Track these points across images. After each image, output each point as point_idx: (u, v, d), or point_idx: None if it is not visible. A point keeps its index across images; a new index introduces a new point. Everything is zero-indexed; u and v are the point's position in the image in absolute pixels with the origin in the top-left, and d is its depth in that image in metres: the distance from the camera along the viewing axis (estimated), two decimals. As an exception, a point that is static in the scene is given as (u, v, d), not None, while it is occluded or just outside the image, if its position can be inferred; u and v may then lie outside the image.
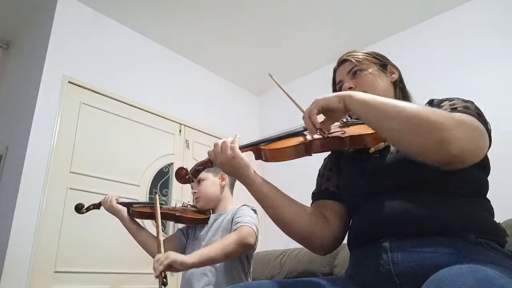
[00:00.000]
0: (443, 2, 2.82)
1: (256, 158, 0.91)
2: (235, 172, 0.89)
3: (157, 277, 1.15)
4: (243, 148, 0.89)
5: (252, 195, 0.89)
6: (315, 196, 1.00)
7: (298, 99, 0.92)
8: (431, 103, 0.89)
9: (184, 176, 0.96)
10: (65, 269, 2.18)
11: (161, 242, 1.29)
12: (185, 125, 3.16)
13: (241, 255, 1.40)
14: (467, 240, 0.71)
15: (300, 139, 0.88)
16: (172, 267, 1.15)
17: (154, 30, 3.03)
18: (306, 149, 0.86)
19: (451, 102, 0.82)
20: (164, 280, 1.14)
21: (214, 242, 1.31)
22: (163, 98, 3.06)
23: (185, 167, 0.97)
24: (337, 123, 0.91)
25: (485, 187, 0.82)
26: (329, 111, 0.79)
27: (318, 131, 0.79)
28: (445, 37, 2.84)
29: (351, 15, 2.91)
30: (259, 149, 0.89)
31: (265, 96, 3.99)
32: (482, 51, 2.62)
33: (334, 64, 1.06)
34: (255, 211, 1.46)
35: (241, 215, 1.40)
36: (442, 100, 0.86)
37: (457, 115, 0.72)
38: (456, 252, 0.68)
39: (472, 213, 0.75)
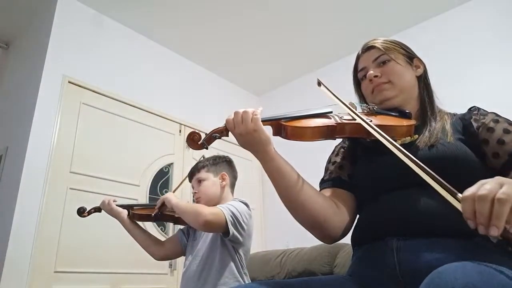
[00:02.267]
0: (442, 3, 2.82)
1: (274, 134, 0.85)
2: (253, 146, 0.81)
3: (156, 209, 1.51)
4: (263, 121, 0.82)
5: (268, 173, 0.82)
6: (326, 183, 0.96)
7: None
8: (475, 110, 0.88)
9: (197, 141, 0.86)
10: (65, 269, 2.18)
11: (176, 189, 1.65)
12: (185, 125, 3.16)
13: (199, 229, 1.43)
14: (475, 242, 0.70)
15: (326, 121, 0.84)
16: (164, 203, 1.45)
17: (154, 30, 3.03)
18: (332, 132, 0.83)
19: None
20: (158, 213, 1.50)
21: (193, 204, 1.49)
22: (163, 98, 3.06)
23: (197, 131, 0.88)
24: (361, 110, 0.88)
25: None
26: None
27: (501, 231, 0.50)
28: (444, 38, 2.84)
29: (350, 16, 2.91)
30: (280, 124, 0.83)
31: (265, 96, 3.99)
32: (482, 52, 2.62)
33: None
34: (246, 204, 1.46)
35: (225, 204, 1.41)
36: (488, 113, 0.84)
37: None
38: (461, 254, 0.67)
39: None
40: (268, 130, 0.83)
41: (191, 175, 1.60)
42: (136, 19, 2.92)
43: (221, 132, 0.85)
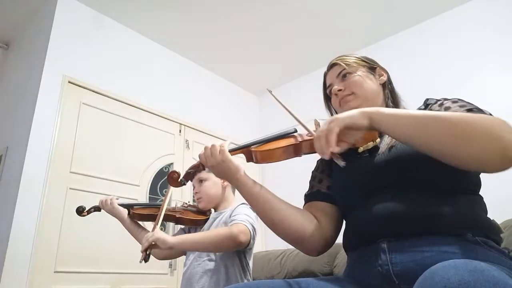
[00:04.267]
0: (443, 2, 2.82)
1: (248, 161, 0.93)
2: (225, 175, 0.90)
3: (141, 252, 1.27)
4: (234, 151, 0.91)
5: (244, 197, 0.90)
6: (307, 198, 1.00)
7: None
8: (427, 103, 0.89)
9: (176, 179, 0.97)
10: (65, 269, 2.18)
11: (158, 223, 1.38)
12: (185, 125, 3.16)
13: (229, 251, 1.37)
14: (465, 239, 0.71)
15: (290, 140, 0.90)
16: (155, 244, 1.25)
17: (154, 30, 3.03)
18: (296, 150, 0.88)
19: (459, 104, 0.80)
20: (146, 256, 1.26)
21: (210, 232, 1.35)
22: (163, 98, 3.06)
23: (177, 170, 0.99)
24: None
25: (477, 184, 0.82)
26: (350, 130, 0.73)
27: (330, 154, 0.71)
28: (445, 38, 2.84)
29: (351, 15, 2.91)
30: (250, 151, 0.91)
31: (265, 96, 3.99)
32: (482, 52, 2.62)
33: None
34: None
35: (238, 213, 1.39)
36: (438, 100, 0.86)
37: (494, 117, 0.68)
38: (454, 251, 0.68)
39: (466, 210, 0.75)
40: (242, 158, 0.91)
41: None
42: (136, 19, 2.92)
43: (197, 167, 0.94)
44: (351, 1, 2.77)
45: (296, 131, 0.93)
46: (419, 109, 0.90)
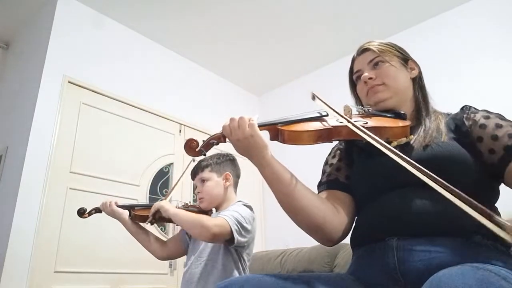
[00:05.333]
0: (444, 2, 2.82)
1: (271, 139, 0.86)
2: (250, 151, 0.82)
3: (148, 215, 1.46)
4: (259, 126, 0.83)
5: (265, 178, 0.83)
6: (325, 185, 0.96)
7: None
8: (466, 109, 0.87)
9: (194, 148, 0.89)
10: (65, 269, 2.18)
11: (169, 196, 1.56)
12: (185, 125, 3.16)
13: (207, 241, 1.38)
14: (473, 241, 0.70)
15: (321, 124, 0.85)
16: (159, 211, 1.42)
17: (154, 30, 3.03)
18: (328, 135, 0.83)
19: (510, 123, 0.79)
20: (152, 220, 1.46)
21: (195, 215, 1.40)
22: (163, 98, 3.06)
23: (195, 139, 0.90)
24: (356, 113, 0.89)
25: (496, 195, 0.81)
26: None
27: None
28: (446, 37, 2.84)
29: (351, 15, 2.91)
30: (276, 129, 0.84)
31: (265, 96, 3.99)
32: (483, 51, 2.62)
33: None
34: (250, 208, 1.45)
35: (229, 209, 1.39)
36: (479, 110, 0.84)
37: None
38: (461, 253, 0.68)
39: None
40: (265, 135, 0.83)
41: (194, 174, 1.58)
42: (136, 19, 2.92)
43: (219, 138, 0.86)
44: (351, 1, 2.77)
45: (327, 114, 0.87)
46: (455, 114, 0.89)
